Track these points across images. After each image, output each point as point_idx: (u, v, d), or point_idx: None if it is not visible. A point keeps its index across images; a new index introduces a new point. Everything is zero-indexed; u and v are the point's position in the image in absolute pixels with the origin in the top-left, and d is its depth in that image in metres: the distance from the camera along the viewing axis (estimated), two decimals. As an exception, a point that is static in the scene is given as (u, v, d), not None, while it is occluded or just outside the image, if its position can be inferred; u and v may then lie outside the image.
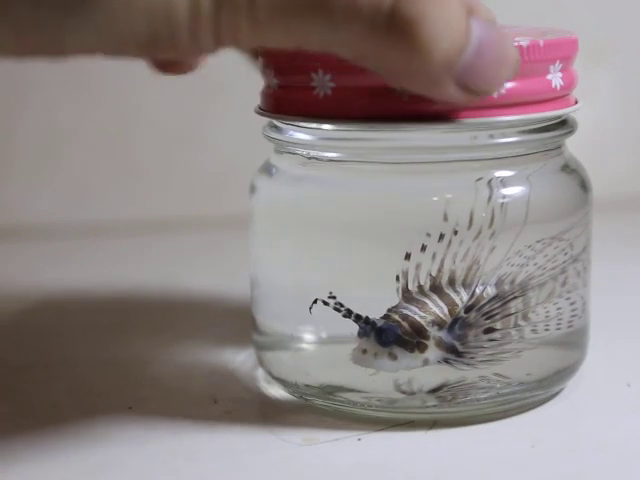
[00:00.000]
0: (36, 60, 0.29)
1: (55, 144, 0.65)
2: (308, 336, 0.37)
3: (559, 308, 0.36)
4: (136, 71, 0.36)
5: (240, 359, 0.41)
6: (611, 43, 0.66)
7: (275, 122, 0.36)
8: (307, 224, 0.36)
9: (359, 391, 0.35)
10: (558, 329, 0.36)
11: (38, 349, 0.44)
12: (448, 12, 0.29)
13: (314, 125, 0.35)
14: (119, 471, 0.33)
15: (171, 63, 0.36)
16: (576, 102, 0.37)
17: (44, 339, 0.45)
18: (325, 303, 0.34)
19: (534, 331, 0.35)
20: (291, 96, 0.35)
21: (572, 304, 0.36)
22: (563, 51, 0.35)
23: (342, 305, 0.34)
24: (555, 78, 0.35)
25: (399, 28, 0.28)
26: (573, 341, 0.37)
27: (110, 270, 0.56)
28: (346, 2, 0.28)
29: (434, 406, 0.35)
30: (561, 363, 0.37)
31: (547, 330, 0.36)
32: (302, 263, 0.36)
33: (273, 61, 0.35)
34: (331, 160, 0.36)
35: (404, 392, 0.35)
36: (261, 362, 0.39)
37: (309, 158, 0.36)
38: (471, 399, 0.35)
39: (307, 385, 0.36)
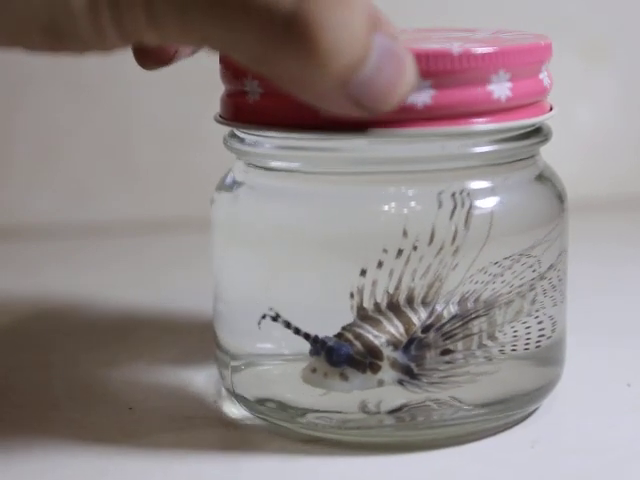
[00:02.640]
0: None
1: (55, 144, 0.65)
2: (268, 353, 0.36)
3: (527, 327, 0.34)
4: (136, 72, 0.36)
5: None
6: (611, 43, 0.66)
7: (234, 131, 0.36)
8: (262, 237, 0.35)
9: (321, 411, 0.34)
10: (526, 349, 0.34)
11: (38, 349, 0.44)
12: (352, 25, 0.27)
13: (247, 132, 0.34)
14: (118, 471, 0.34)
15: (147, 55, 0.36)
16: (551, 109, 0.35)
17: (44, 339, 0.45)
18: (274, 319, 0.33)
19: (501, 351, 0.34)
20: (230, 102, 0.34)
21: (539, 323, 0.34)
22: (508, 59, 0.32)
23: (289, 323, 0.33)
24: (500, 89, 0.32)
25: (297, 35, 0.27)
26: (545, 360, 0.36)
27: (110, 270, 0.56)
28: (242, 6, 0.27)
29: (391, 427, 0.33)
30: (532, 383, 0.35)
31: (514, 350, 0.34)
32: (258, 278, 0.35)
33: (223, 66, 0.35)
34: (288, 171, 0.34)
35: (367, 412, 0.33)
36: (222, 378, 0.37)
37: (266, 169, 0.35)
38: (435, 420, 0.33)
39: (266, 403, 0.35)
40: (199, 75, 0.41)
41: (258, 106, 0.33)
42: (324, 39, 0.27)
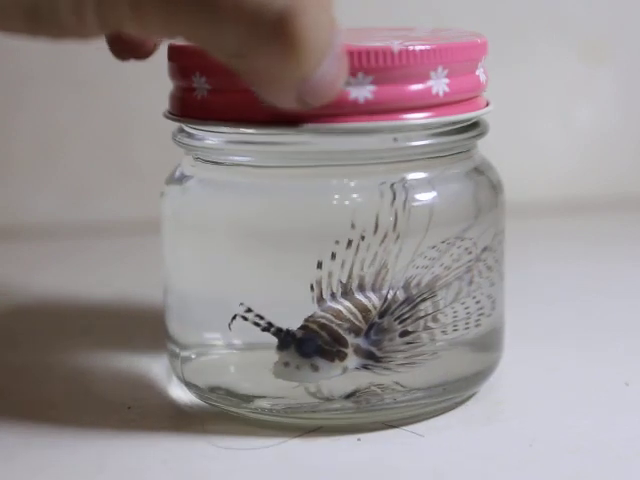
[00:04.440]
0: None
1: (55, 144, 0.65)
2: (219, 343, 0.36)
3: (467, 308, 0.36)
4: (136, 72, 0.36)
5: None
6: (611, 43, 0.66)
7: (182, 126, 0.37)
8: (209, 230, 0.36)
9: (271, 397, 0.35)
10: (466, 329, 0.36)
11: (37, 349, 0.44)
12: (326, 26, 0.29)
13: (196, 128, 0.35)
14: (118, 471, 0.34)
15: (124, 46, 0.36)
16: (487, 104, 0.37)
17: (43, 339, 0.45)
18: (244, 318, 0.34)
19: (444, 332, 0.35)
20: (179, 98, 0.35)
21: (478, 303, 0.36)
22: (446, 57, 0.34)
23: (262, 318, 0.34)
24: (438, 84, 0.34)
25: (286, 34, 0.28)
26: (487, 343, 0.37)
27: (110, 270, 0.56)
28: (234, 2, 0.28)
29: (350, 410, 0.35)
30: (474, 366, 0.37)
31: (455, 331, 0.35)
32: (205, 270, 0.36)
33: (173, 62, 0.36)
34: (235, 165, 0.35)
35: (318, 398, 0.35)
36: (173, 368, 0.38)
37: (214, 163, 0.36)
38: (387, 403, 0.35)
39: (216, 391, 0.36)
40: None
41: (205, 102, 0.34)
42: (307, 39, 0.28)
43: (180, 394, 0.38)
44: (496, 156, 0.39)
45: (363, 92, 0.33)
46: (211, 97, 0.34)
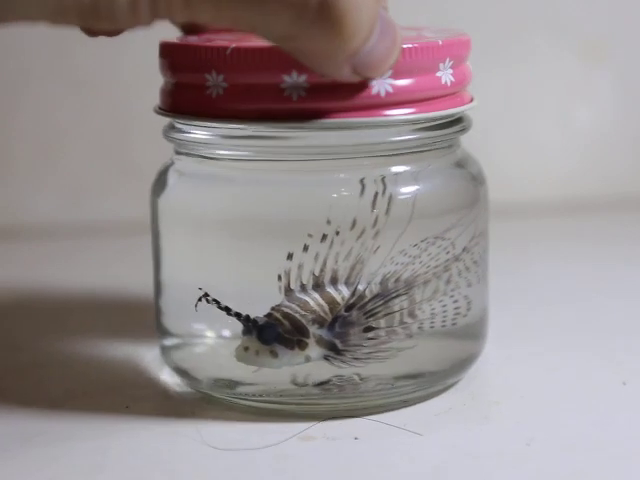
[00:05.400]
0: None
1: (55, 144, 0.65)
2: (202, 334, 0.38)
3: (444, 305, 0.36)
4: (136, 71, 0.36)
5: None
6: (611, 43, 0.66)
7: (173, 122, 0.37)
8: (194, 223, 0.37)
9: (252, 384, 0.36)
10: (443, 326, 0.37)
11: (37, 349, 0.44)
12: (367, 4, 0.31)
13: (207, 125, 0.35)
14: (117, 470, 0.34)
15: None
16: (471, 100, 0.38)
17: (43, 339, 0.45)
18: (208, 301, 0.35)
19: (420, 328, 0.36)
20: (186, 95, 0.36)
21: (455, 302, 0.37)
22: (453, 50, 0.36)
23: (220, 303, 0.35)
24: (445, 75, 0.35)
25: (330, 16, 0.30)
26: (462, 337, 0.38)
27: (110, 270, 0.56)
28: None
29: (317, 396, 0.36)
30: (449, 359, 0.38)
31: (432, 327, 0.36)
32: (190, 261, 0.37)
33: (170, 60, 0.36)
34: (218, 159, 0.36)
35: (297, 384, 0.36)
36: (163, 356, 0.39)
37: (201, 157, 0.37)
38: (361, 391, 0.36)
39: (203, 378, 0.37)
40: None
41: (221, 100, 0.34)
42: (349, 19, 0.30)
43: (176, 389, 0.39)
44: (496, 156, 0.39)
45: (384, 85, 0.34)
46: (228, 94, 0.34)
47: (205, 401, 0.38)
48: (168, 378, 0.40)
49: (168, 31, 0.37)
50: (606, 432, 0.35)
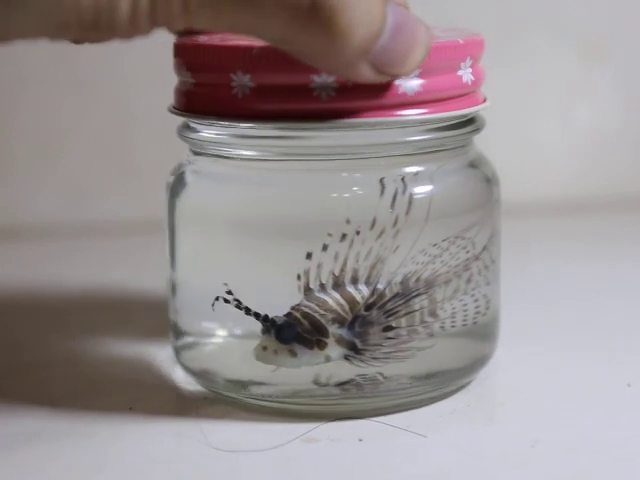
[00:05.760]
0: None
1: (55, 144, 0.65)
2: (221, 333, 0.38)
3: (465, 304, 0.37)
4: (136, 71, 0.36)
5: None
6: (611, 43, 0.66)
7: (189, 122, 0.37)
8: (212, 222, 0.37)
9: (269, 384, 0.36)
10: (464, 325, 0.37)
11: (38, 349, 0.44)
12: (366, 1, 0.31)
13: (232, 125, 0.35)
14: (118, 470, 0.34)
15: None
16: (485, 100, 0.38)
17: (44, 339, 0.45)
18: (226, 301, 0.35)
19: (442, 327, 0.36)
20: (209, 95, 0.35)
21: (475, 301, 0.37)
22: (473, 49, 0.36)
23: (240, 303, 0.35)
24: (465, 74, 0.35)
25: (319, 16, 0.30)
26: (479, 336, 0.38)
27: (110, 270, 0.56)
28: None
29: (336, 396, 0.36)
30: (466, 358, 0.38)
31: (453, 326, 0.36)
32: (207, 261, 0.37)
33: (189, 60, 0.36)
34: (237, 159, 0.36)
35: (318, 384, 0.36)
36: (175, 354, 0.39)
37: (218, 157, 0.37)
38: (380, 391, 0.36)
39: (214, 377, 0.37)
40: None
41: (248, 100, 0.34)
42: (340, 18, 0.30)
43: (180, 389, 0.39)
44: (496, 156, 0.39)
45: (411, 84, 0.34)
46: (255, 94, 0.34)
47: (209, 402, 0.38)
48: (169, 378, 0.40)
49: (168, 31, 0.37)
50: (611, 434, 0.35)
